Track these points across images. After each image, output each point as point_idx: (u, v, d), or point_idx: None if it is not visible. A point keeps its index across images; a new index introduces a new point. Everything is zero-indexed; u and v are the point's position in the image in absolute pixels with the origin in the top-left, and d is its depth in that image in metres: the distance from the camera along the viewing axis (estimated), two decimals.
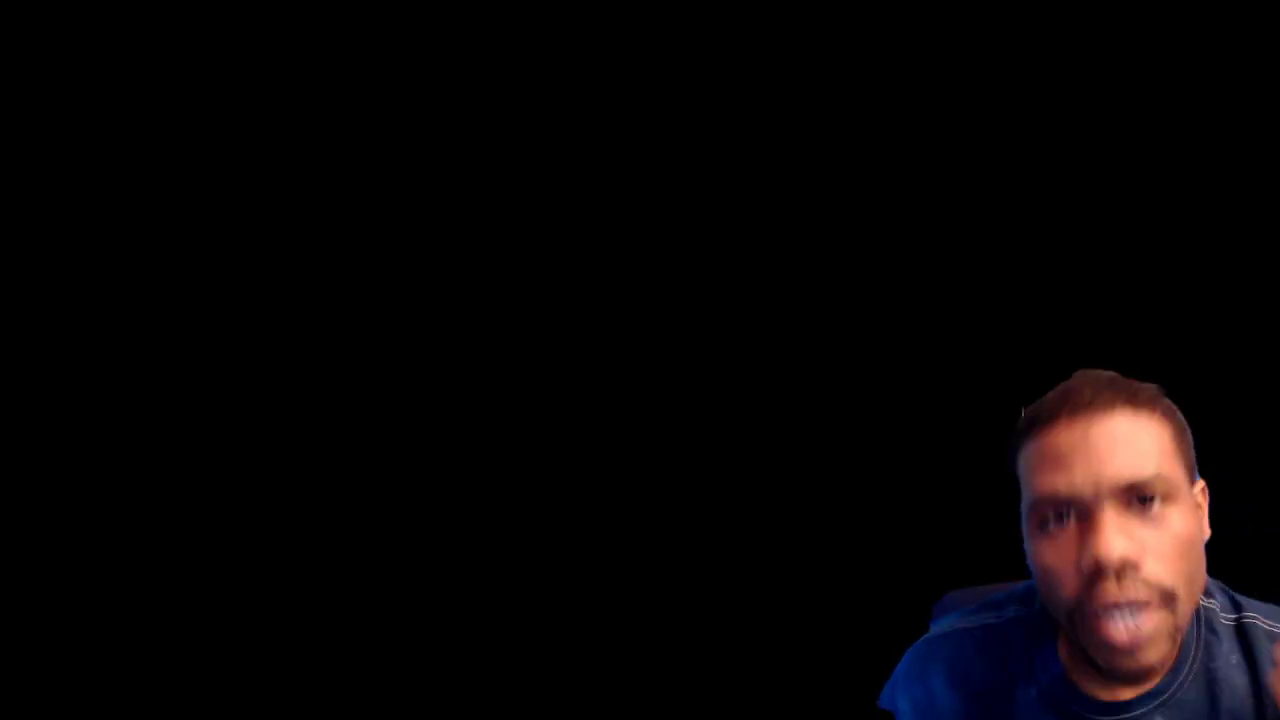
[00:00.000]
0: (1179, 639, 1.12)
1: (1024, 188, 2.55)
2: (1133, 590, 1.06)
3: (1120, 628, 1.06)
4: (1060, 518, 1.10)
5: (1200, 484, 1.17)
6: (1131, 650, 1.07)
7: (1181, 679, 1.15)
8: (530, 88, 2.59)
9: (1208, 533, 1.15)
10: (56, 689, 2.54)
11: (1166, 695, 1.15)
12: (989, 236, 2.56)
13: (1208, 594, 1.21)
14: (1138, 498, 1.08)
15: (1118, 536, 1.06)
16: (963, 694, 1.25)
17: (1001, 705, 1.23)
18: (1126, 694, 1.15)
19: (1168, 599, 1.07)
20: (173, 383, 2.60)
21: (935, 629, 1.32)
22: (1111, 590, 1.06)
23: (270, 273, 2.61)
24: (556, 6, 2.56)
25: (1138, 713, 1.15)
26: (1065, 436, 1.11)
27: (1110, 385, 1.14)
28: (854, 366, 2.61)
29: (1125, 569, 1.06)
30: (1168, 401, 1.16)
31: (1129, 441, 1.10)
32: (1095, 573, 1.06)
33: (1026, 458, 1.15)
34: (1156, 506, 1.09)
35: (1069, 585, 1.09)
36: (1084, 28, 2.48)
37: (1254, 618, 1.19)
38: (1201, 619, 1.18)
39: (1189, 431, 1.16)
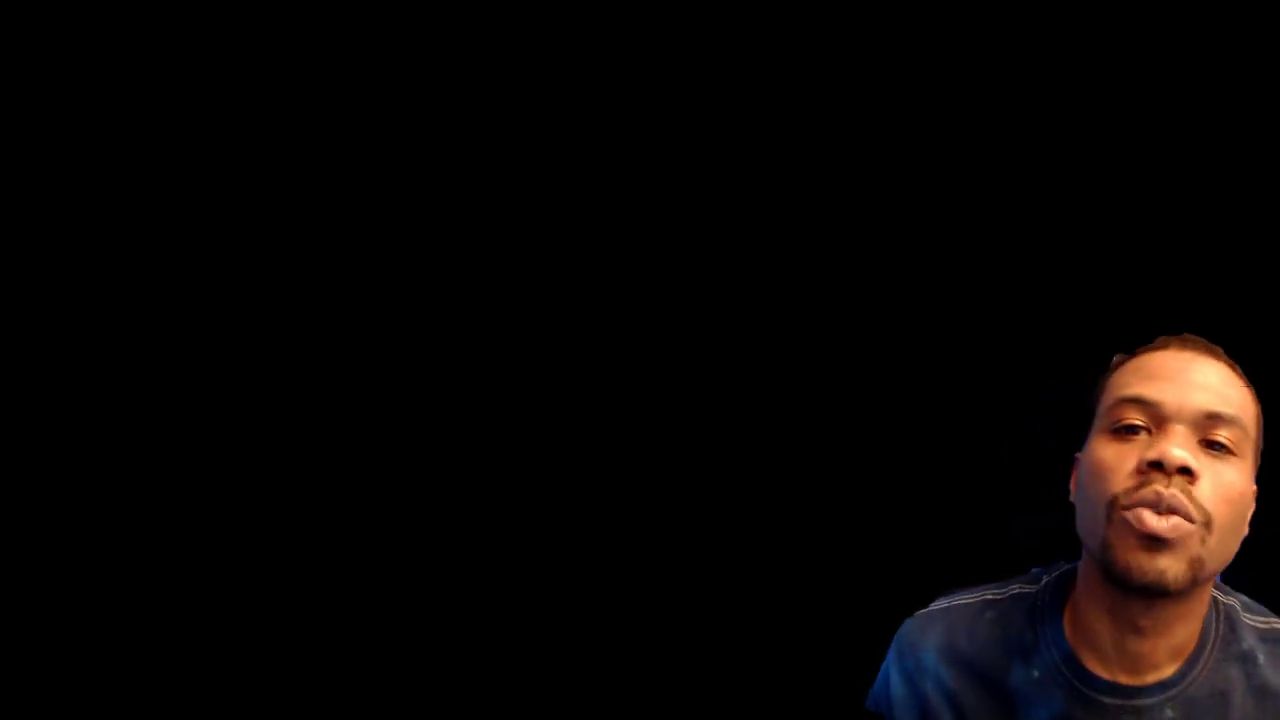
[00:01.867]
0: (1199, 579, 1.11)
1: (1020, 193, 2.55)
2: (1180, 493, 1.08)
3: (1153, 516, 1.07)
4: (1133, 428, 1.13)
5: (1254, 488, 1.18)
6: (1156, 544, 1.07)
7: (1196, 672, 1.14)
8: (530, 88, 2.59)
9: (1247, 530, 1.17)
10: (56, 689, 2.55)
11: (1178, 689, 1.14)
12: (986, 240, 2.56)
13: (1228, 593, 1.21)
14: (1210, 441, 1.12)
15: (1186, 447, 1.10)
16: (955, 669, 1.22)
17: (996, 685, 1.20)
18: (1135, 680, 1.14)
19: (1205, 524, 1.09)
20: (171, 382, 2.60)
21: (932, 604, 1.30)
22: (1160, 485, 1.08)
23: (269, 272, 2.61)
24: (556, 6, 2.56)
25: (1148, 701, 1.14)
26: (1170, 360, 1.17)
27: (1218, 349, 1.22)
28: (851, 367, 2.61)
29: (1181, 475, 1.09)
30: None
31: (1221, 386, 1.15)
32: (1152, 468, 1.09)
33: (1120, 374, 1.19)
34: (1223, 455, 1.12)
35: (1120, 479, 1.11)
36: (1084, 27, 2.48)
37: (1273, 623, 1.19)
38: (1222, 614, 1.18)
39: (1263, 436, 1.21)
